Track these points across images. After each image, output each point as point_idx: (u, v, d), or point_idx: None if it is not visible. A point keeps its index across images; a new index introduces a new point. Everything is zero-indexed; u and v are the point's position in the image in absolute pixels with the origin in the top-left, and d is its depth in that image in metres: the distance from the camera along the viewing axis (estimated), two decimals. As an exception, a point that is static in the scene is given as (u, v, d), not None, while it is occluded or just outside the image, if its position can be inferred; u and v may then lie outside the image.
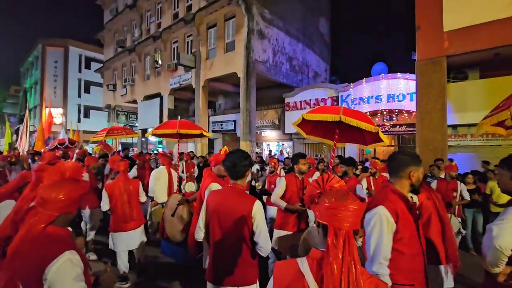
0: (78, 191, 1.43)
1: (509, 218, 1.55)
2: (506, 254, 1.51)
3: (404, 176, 1.73)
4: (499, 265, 1.55)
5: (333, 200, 1.04)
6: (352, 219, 1.00)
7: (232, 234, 1.89)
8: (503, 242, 1.50)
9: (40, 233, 1.29)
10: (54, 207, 1.34)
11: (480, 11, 6.44)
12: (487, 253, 1.57)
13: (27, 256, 1.25)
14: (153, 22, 17.00)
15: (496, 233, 1.53)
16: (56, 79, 28.39)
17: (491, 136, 7.95)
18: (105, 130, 6.30)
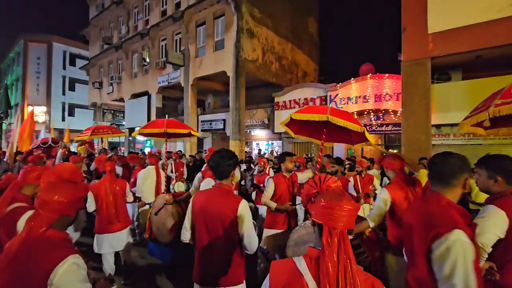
0: (78, 193, 1.44)
1: (490, 215, 1.60)
2: (487, 251, 1.55)
3: (458, 184, 1.46)
4: (480, 262, 1.58)
5: (329, 199, 1.06)
6: (347, 219, 1.02)
7: (218, 235, 1.88)
8: (484, 239, 1.54)
9: (41, 236, 1.29)
10: (54, 209, 1.33)
11: (463, 14, 6.64)
12: None
13: (29, 260, 1.24)
14: (140, 19, 16.69)
15: (478, 231, 1.57)
16: (39, 76, 27.47)
17: (472, 135, 8.22)
18: (90, 129, 6.15)
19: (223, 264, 1.89)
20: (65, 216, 1.38)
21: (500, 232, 1.56)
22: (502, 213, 1.56)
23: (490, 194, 1.75)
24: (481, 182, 1.77)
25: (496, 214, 1.58)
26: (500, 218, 1.57)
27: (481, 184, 1.78)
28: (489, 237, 1.56)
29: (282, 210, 3.21)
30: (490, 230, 1.56)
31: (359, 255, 2.40)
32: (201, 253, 1.95)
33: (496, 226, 1.57)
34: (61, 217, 1.36)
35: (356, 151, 11.53)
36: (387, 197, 2.41)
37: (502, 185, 1.66)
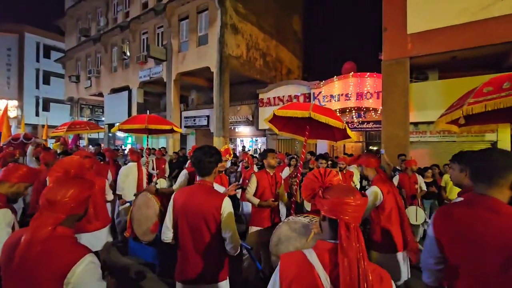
0: (85, 191, 1.37)
1: None
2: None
3: (505, 184, 1.23)
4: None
5: (342, 195, 1.09)
6: (359, 213, 1.07)
7: (201, 232, 1.86)
8: None
9: (50, 236, 1.23)
10: (61, 209, 1.26)
11: (439, 16, 6.91)
12: (426, 244, 1.67)
13: (41, 261, 1.18)
14: (120, 10, 16.09)
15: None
16: (10, 68, 25.86)
17: (447, 133, 8.62)
18: (66, 125, 5.87)
19: (207, 262, 1.87)
20: (73, 215, 1.33)
21: None
22: None
23: (462, 187, 1.83)
24: (454, 176, 1.86)
25: None
26: None
27: (454, 179, 1.87)
28: None
29: (265, 206, 3.23)
30: None
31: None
32: (184, 251, 1.92)
33: None
34: (69, 216, 1.30)
35: (338, 148, 11.78)
36: (378, 191, 2.47)
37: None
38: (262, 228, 3.26)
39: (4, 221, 1.84)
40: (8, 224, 1.86)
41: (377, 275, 1.03)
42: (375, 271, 1.04)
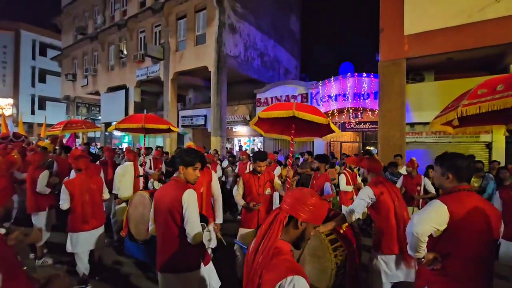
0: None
1: (430, 209, 1.70)
2: (422, 240, 1.66)
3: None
4: (419, 250, 1.70)
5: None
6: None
7: (169, 223, 2.00)
8: (419, 229, 1.65)
9: None
10: None
11: (436, 18, 6.95)
12: (408, 240, 1.74)
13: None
14: (117, 9, 16.01)
15: (416, 221, 1.68)
16: (5, 66, 25.60)
17: (443, 134, 8.69)
18: (62, 124, 5.82)
19: (177, 252, 2.00)
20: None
21: (437, 224, 1.66)
22: (443, 207, 1.66)
23: (443, 190, 1.85)
24: (436, 178, 1.87)
25: (436, 208, 1.68)
26: (439, 211, 1.67)
27: (435, 180, 1.88)
28: (424, 227, 1.66)
29: (247, 209, 3.29)
30: (426, 221, 1.66)
31: (336, 249, 2.47)
32: (159, 242, 2.10)
33: (433, 218, 1.67)
34: None
35: (335, 147, 11.83)
36: (371, 195, 2.48)
37: (453, 182, 1.76)
38: (251, 230, 3.30)
39: None
40: None
41: (272, 266, 1.05)
42: (274, 264, 1.05)
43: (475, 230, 1.63)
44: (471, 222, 1.63)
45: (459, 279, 1.64)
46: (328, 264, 2.41)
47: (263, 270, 1.05)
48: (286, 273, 0.99)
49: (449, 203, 1.66)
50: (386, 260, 2.44)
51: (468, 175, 1.76)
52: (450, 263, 1.67)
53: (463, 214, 1.63)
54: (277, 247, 1.09)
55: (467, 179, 1.76)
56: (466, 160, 1.76)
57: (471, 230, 1.63)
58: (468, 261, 1.64)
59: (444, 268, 1.67)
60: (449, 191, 1.76)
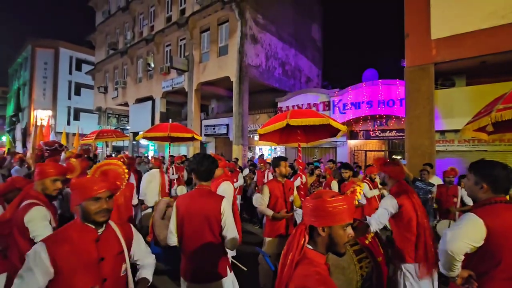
0: None
1: (464, 224, 1.55)
2: (457, 259, 1.51)
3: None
4: (453, 269, 1.55)
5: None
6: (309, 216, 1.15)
7: (203, 233, 1.99)
8: (454, 247, 1.50)
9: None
10: None
11: (466, 20, 6.64)
12: (440, 258, 1.58)
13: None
14: (145, 25, 16.94)
15: (449, 238, 1.53)
16: (46, 81, 27.88)
17: (477, 141, 8.16)
18: (95, 133, 6.21)
19: (208, 260, 2.00)
20: None
21: (473, 241, 1.51)
22: (479, 222, 1.51)
23: (476, 201, 1.69)
24: (468, 187, 1.72)
25: (472, 222, 1.53)
26: (475, 226, 1.51)
27: (468, 189, 1.73)
28: (459, 245, 1.50)
29: (279, 219, 3.20)
30: (461, 238, 1.51)
31: (361, 260, 2.39)
32: (189, 252, 2.05)
33: (469, 234, 1.52)
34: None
35: (360, 156, 11.48)
36: (394, 205, 2.40)
37: (488, 192, 1.61)
38: (277, 238, 3.24)
39: (41, 216, 1.95)
40: (45, 218, 1.97)
41: (301, 277, 1.04)
42: (304, 275, 1.04)
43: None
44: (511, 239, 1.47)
45: None
46: (353, 275, 2.32)
47: (288, 281, 1.04)
48: (315, 286, 0.97)
49: (486, 217, 1.50)
50: (409, 270, 2.35)
51: (506, 186, 1.59)
52: (487, 283, 1.51)
53: (502, 230, 1.47)
54: (308, 258, 1.08)
55: (504, 191, 1.59)
56: (505, 170, 1.59)
57: (511, 249, 1.47)
58: (507, 282, 1.48)
59: (480, 286, 1.52)
60: (483, 203, 1.60)
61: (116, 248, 1.51)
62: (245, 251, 3.98)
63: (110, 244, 1.49)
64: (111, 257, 1.46)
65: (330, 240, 1.12)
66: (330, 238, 1.12)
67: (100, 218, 1.43)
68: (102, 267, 1.42)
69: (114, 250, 1.49)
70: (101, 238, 1.45)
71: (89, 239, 1.42)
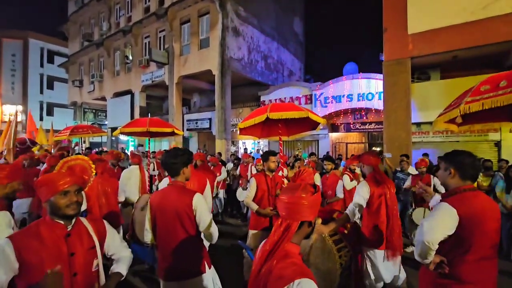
0: None
1: (440, 214, 1.62)
2: (433, 248, 1.58)
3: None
4: (428, 258, 1.62)
5: (282, 193, 1.17)
6: (292, 211, 1.12)
7: (176, 230, 1.95)
8: (430, 237, 1.57)
9: None
10: None
11: (440, 15, 6.89)
12: (417, 247, 1.65)
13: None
14: (122, 15, 16.25)
15: (426, 228, 1.60)
16: (14, 74, 26.20)
17: (450, 133, 8.56)
18: (69, 129, 5.93)
19: (184, 258, 1.97)
20: None
21: (448, 230, 1.59)
22: (453, 211, 1.58)
23: (447, 188, 1.79)
24: (440, 175, 1.83)
25: (446, 212, 1.60)
26: (449, 216, 1.59)
27: (440, 177, 1.84)
28: (436, 236, 1.58)
29: (263, 215, 3.22)
30: (437, 228, 1.58)
31: (341, 250, 2.46)
32: (163, 250, 2.02)
33: (444, 225, 1.59)
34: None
35: (341, 148, 11.75)
36: (367, 191, 2.49)
37: (456, 178, 1.70)
38: (261, 231, 3.26)
39: (4, 223, 1.85)
40: (8, 225, 1.88)
41: (279, 270, 1.04)
42: (281, 267, 1.05)
43: (484, 232, 1.58)
44: (480, 225, 1.57)
45: (467, 281, 1.60)
46: (332, 265, 2.39)
47: (269, 274, 1.04)
48: (294, 277, 0.98)
49: (458, 206, 1.59)
50: (371, 256, 2.47)
51: (472, 172, 1.70)
52: (457, 266, 1.62)
53: (472, 217, 1.57)
54: (284, 250, 1.08)
55: (471, 177, 1.70)
56: (470, 157, 1.71)
57: (480, 233, 1.58)
58: (476, 264, 1.59)
59: (452, 271, 1.62)
60: (453, 191, 1.69)
61: (87, 243, 1.52)
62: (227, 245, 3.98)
63: (81, 240, 1.50)
64: (82, 252, 1.48)
65: (310, 232, 1.18)
66: (312, 230, 1.18)
67: (70, 211, 1.45)
68: (72, 262, 1.44)
69: (85, 245, 1.50)
70: (71, 233, 1.47)
71: (59, 234, 1.43)
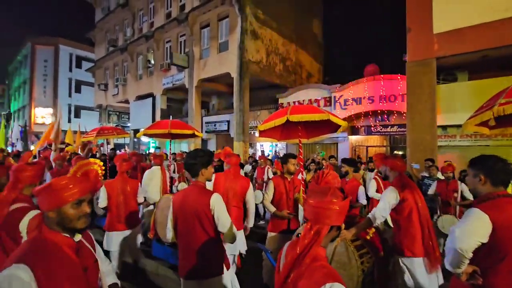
0: None
1: (471, 220, 1.54)
2: (466, 256, 1.50)
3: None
4: (461, 267, 1.54)
5: (309, 197, 1.16)
6: (320, 215, 1.11)
7: (195, 229, 1.99)
8: (463, 244, 1.49)
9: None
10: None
11: (468, 14, 6.58)
12: (448, 255, 1.57)
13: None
14: (145, 21, 16.85)
15: (458, 235, 1.52)
16: (46, 79, 27.88)
17: (479, 136, 8.12)
18: (96, 130, 6.21)
19: (203, 257, 1.99)
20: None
21: (481, 237, 1.51)
22: (485, 217, 1.51)
23: (477, 195, 1.70)
24: (469, 182, 1.75)
25: (479, 218, 1.53)
26: (482, 222, 1.51)
27: (469, 184, 1.76)
28: (469, 242, 1.50)
29: (279, 217, 3.21)
30: (470, 235, 1.50)
31: (363, 255, 2.39)
32: (183, 249, 2.07)
33: (477, 231, 1.51)
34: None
35: (361, 152, 11.47)
36: (395, 197, 2.40)
37: (487, 185, 1.62)
38: (280, 233, 3.25)
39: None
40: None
41: (310, 273, 1.03)
42: (311, 270, 1.04)
43: None
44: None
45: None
46: (354, 271, 2.33)
47: (299, 277, 1.04)
48: (325, 280, 0.97)
49: (491, 212, 1.50)
50: (406, 263, 2.35)
51: (504, 178, 1.60)
52: (491, 277, 1.52)
53: (507, 224, 1.47)
54: (313, 253, 1.07)
55: (503, 183, 1.60)
56: (501, 162, 1.61)
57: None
58: (511, 275, 1.49)
59: (484, 282, 1.53)
60: (486, 197, 1.61)
61: (91, 256, 1.38)
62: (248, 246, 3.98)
63: (86, 253, 1.35)
64: (91, 267, 1.34)
65: (337, 236, 1.18)
66: (339, 234, 1.19)
67: (82, 225, 1.26)
68: (86, 278, 1.27)
69: (90, 258, 1.36)
70: (79, 246, 1.30)
71: (70, 249, 1.24)
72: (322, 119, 2.91)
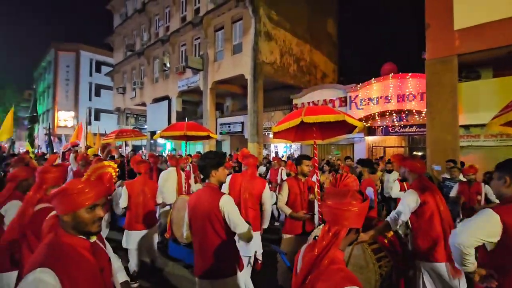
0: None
1: (478, 219, 1.54)
2: (465, 252, 1.49)
3: None
4: (465, 264, 1.53)
5: (327, 199, 1.15)
6: (338, 217, 1.10)
7: (207, 230, 2.02)
8: (461, 239, 1.50)
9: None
10: None
11: (492, 8, 6.29)
12: (451, 251, 1.60)
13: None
14: (161, 25, 17.24)
15: (459, 231, 1.54)
16: (68, 83, 29.11)
17: (506, 136, 7.73)
18: (115, 133, 6.42)
19: (215, 257, 2.01)
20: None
21: (486, 236, 1.49)
22: (495, 217, 1.48)
23: (501, 198, 1.65)
24: (493, 185, 1.72)
25: (486, 217, 1.51)
26: (489, 221, 1.49)
27: (493, 187, 1.72)
28: (469, 239, 1.49)
29: (295, 218, 3.19)
30: (471, 231, 1.50)
31: (380, 259, 2.33)
32: (197, 249, 2.10)
33: (480, 228, 1.50)
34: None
35: (378, 153, 11.19)
36: (416, 200, 2.33)
37: (511, 187, 1.57)
38: (295, 236, 3.22)
39: None
40: None
41: (327, 275, 1.02)
42: (329, 273, 1.02)
43: None
44: None
45: None
46: (371, 275, 2.27)
47: (316, 279, 1.03)
48: (343, 283, 0.96)
49: (504, 213, 1.47)
50: (427, 268, 2.26)
51: None
52: (506, 278, 1.48)
53: None
54: (331, 256, 1.07)
55: None
56: None
57: None
58: None
59: (501, 285, 1.48)
60: (508, 201, 1.55)
61: (105, 255, 1.40)
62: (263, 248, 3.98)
63: (101, 253, 1.36)
64: (106, 266, 1.36)
65: (356, 239, 1.19)
66: (357, 237, 1.20)
67: (96, 229, 1.28)
68: (103, 278, 1.30)
69: (105, 258, 1.38)
70: (93, 247, 1.32)
71: (87, 251, 1.26)
72: (337, 120, 2.85)
